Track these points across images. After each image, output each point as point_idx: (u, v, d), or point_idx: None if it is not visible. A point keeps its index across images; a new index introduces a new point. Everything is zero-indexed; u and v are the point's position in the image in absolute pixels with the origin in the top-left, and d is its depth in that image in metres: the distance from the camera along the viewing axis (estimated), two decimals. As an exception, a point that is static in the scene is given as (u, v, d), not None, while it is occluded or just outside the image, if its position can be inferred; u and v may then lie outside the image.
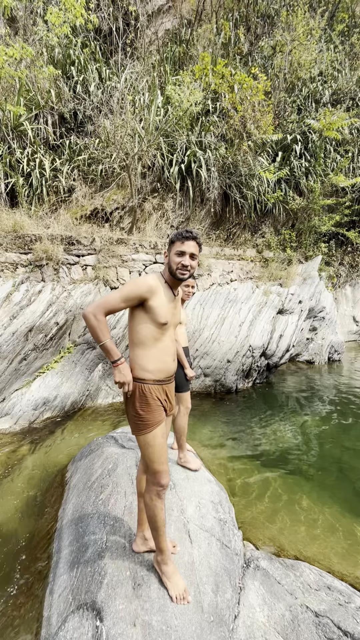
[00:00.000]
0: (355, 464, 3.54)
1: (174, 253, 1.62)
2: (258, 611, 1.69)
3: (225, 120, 7.17)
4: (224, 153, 7.06)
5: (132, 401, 1.58)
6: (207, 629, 1.52)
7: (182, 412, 2.63)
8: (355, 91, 9.37)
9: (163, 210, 6.74)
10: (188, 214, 6.93)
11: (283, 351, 6.28)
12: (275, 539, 2.52)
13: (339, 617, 1.65)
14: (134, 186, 6.17)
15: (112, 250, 5.34)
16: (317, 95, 9.07)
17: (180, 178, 6.70)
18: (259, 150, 7.66)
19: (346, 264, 9.55)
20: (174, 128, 6.71)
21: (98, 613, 1.50)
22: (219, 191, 7.16)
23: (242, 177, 7.18)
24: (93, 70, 6.84)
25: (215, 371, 5.60)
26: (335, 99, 9.30)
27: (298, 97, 8.87)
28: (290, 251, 8.04)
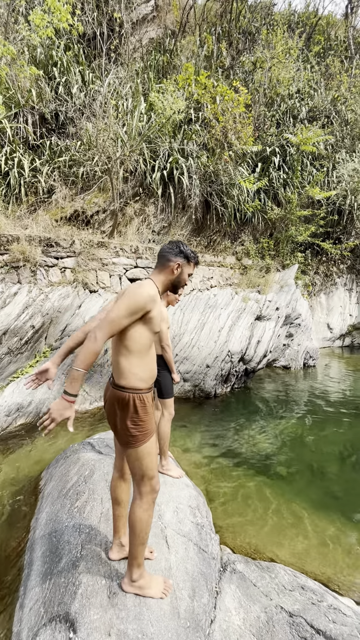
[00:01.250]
0: (328, 466, 3.66)
1: (187, 272, 1.71)
2: (234, 614, 1.70)
3: (207, 129, 7.32)
4: (205, 161, 7.20)
5: (132, 413, 1.50)
6: (183, 635, 1.51)
7: (167, 418, 2.62)
8: (330, 110, 9.87)
9: (145, 215, 6.76)
10: (170, 220, 6.99)
11: (260, 356, 6.41)
12: (251, 542, 2.55)
13: (311, 616, 1.69)
14: (116, 190, 6.16)
15: (92, 253, 5.28)
16: (295, 111, 9.47)
17: (162, 184, 6.76)
18: (239, 161, 7.87)
19: (321, 273, 9.93)
20: (156, 135, 6.78)
21: (72, 625, 1.45)
22: (200, 199, 7.28)
23: (222, 185, 7.34)
24: (76, 72, 6.81)
25: (195, 376, 5.63)
26: (311, 116, 9.74)
27: (277, 112, 9.22)
28: (269, 259, 8.27)
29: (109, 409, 1.56)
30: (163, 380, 2.62)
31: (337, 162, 9.45)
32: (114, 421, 1.54)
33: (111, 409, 1.54)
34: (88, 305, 4.98)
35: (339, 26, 12.84)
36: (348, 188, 9.02)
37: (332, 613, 1.71)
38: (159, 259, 1.70)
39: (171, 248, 1.68)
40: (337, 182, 9.25)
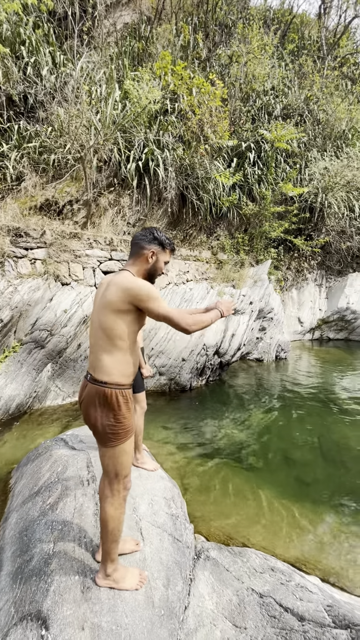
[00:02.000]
0: (297, 454, 3.82)
1: (162, 260, 1.69)
2: (207, 599, 1.75)
3: (184, 121, 7.25)
4: (181, 154, 7.14)
5: (115, 409, 1.46)
6: (157, 623, 1.53)
7: (139, 413, 2.61)
8: (303, 108, 10.09)
9: (119, 206, 6.62)
10: (145, 212, 6.89)
11: (235, 350, 6.54)
12: (225, 529, 2.62)
13: (280, 595, 1.77)
14: (89, 179, 5.97)
15: (64, 244, 5.11)
16: (270, 108, 9.59)
17: (137, 175, 6.63)
18: (215, 155, 7.88)
19: (293, 268, 10.24)
20: (132, 124, 6.62)
21: (44, 622, 1.43)
22: (176, 192, 7.23)
23: (198, 179, 7.33)
24: (46, 53, 6.48)
25: (171, 370, 5.65)
26: (285, 113, 9.92)
27: (252, 108, 9.30)
28: (243, 254, 8.39)
29: (88, 406, 1.50)
30: None
31: (309, 161, 9.71)
32: (94, 419, 1.49)
33: (90, 407, 1.49)
34: (60, 298, 4.83)
35: (313, 26, 13.09)
36: (319, 186, 9.31)
37: (299, 591, 1.81)
38: (133, 247, 1.64)
39: (144, 235, 1.63)
40: (309, 180, 9.52)
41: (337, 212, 9.61)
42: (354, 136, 10.51)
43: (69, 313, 4.85)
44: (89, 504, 2.08)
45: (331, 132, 10.20)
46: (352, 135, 10.50)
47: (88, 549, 1.80)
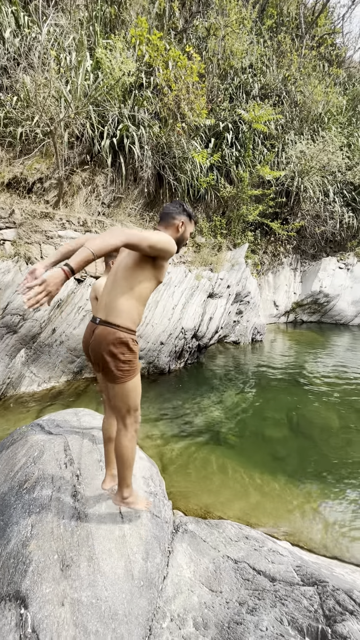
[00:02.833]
0: (272, 431, 3.99)
1: (189, 230, 1.82)
2: (185, 568, 1.82)
3: (159, 97, 6.97)
4: (157, 132, 6.90)
5: (127, 350, 1.62)
6: (137, 594, 1.58)
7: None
8: (281, 89, 9.98)
9: (93, 185, 6.35)
10: (121, 192, 6.67)
11: (212, 333, 6.62)
12: (202, 504, 2.72)
13: (254, 560, 1.88)
14: (60, 156, 5.65)
15: (35, 224, 4.87)
16: (248, 87, 9.40)
17: (112, 153, 6.36)
18: (192, 134, 7.68)
19: (269, 252, 10.38)
20: (105, 97, 6.28)
21: (22, 601, 1.44)
22: (152, 171, 7.02)
23: (175, 159, 7.15)
24: (8, 13, 5.92)
25: (149, 353, 5.65)
26: (263, 93, 9.77)
27: (230, 86, 9.08)
28: (221, 238, 8.39)
29: (99, 346, 1.61)
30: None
31: (286, 144, 9.70)
32: (105, 359, 1.61)
33: (102, 347, 1.60)
34: (33, 281, 4.63)
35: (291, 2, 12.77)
36: (296, 170, 9.36)
37: (271, 555, 1.92)
38: (163, 217, 1.77)
39: (175, 206, 1.77)
40: (286, 163, 9.54)
41: (313, 196, 9.75)
42: (329, 120, 10.57)
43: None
44: (66, 487, 2.08)
45: (308, 115, 10.20)
46: (328, 119, 10.56)
47: (67, 529, 1.80)
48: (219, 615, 1.56)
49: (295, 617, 1.47)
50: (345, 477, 3.16)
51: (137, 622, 1.50)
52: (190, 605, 1.62)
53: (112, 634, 1.41)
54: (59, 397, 4.53)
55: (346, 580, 1.92)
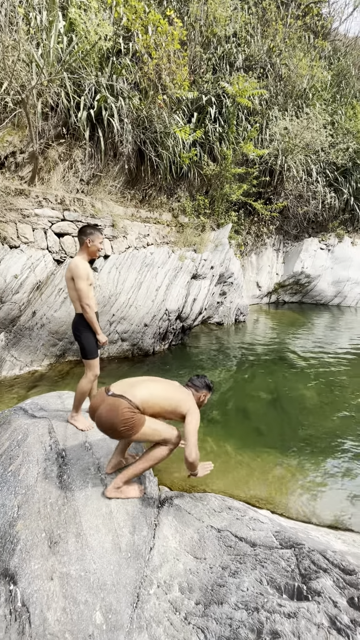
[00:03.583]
0: (254, 408, 4.13)
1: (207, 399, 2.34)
2: (171, 539, 1.90)
3: (139, 66, 6.59)
4: (137, 104, 6.58)
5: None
6: (124, 565, 1.65)
7: (89, 378, 2.59)
8: (265, 61, 9.64)
9: (71, 160, 6.04)
10: (100, 168, 6.39)
11: (196, 314, 6.65)
12: (186, 479, 2.81)
13: (236, 528, 1.98)
14: (34, 127, 5.31)
15: (9, 202, 4.62)
16: (232, 57, 9.03)
17: (89, 126, 6.03)
18: (174, 107, 7.38)
19: (253, 233, 10.36)
20: (80, 64, 5.87)
21: (11, 578, 1.47)
22: (133, 146, 6.74)
23: (157, 134, 6.87)
24: None
25: (133, 335, 5.63)
26: (247, 65, 9.42)
27: (213, 56, 8.68)
28: (204, 218, 8.27)
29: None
30: (86, 340, 2.56)
31: (270, 120, 9.49)
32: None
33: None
34: (8, 262, 4.45)
35: (277, -35, 12.12)
36: (279, 148, 9.23)
37: (252, 523, 2.03)
38: (194, 386, 2.30)
39: (200, 381, 2.33)
40: (269, 140, 9.37)
41: (296, 175, 9.70)
42: (314, 96, 10.38)
43: (20, 278, 4.52)
44: (52, 467, 2.09)
45: (292, 90, 9.97)
46: (312, 95, 10.36)
47: (54, 508, 1.83)
48: (203, 579, 1.65)
49: (274, 577, 1.58)
50: (321, 449, 3.34)
51: (125, 591, 1.57)
52: (176, 572, 1.71)
53: (101, 603, 1.47)
54: (42, 380, 4.48)
55: (321, 541, 2.06)
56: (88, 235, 2.59)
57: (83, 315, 2.55)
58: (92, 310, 2.55)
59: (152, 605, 1.53)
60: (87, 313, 2.52)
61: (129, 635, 1.41)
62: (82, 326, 2.55)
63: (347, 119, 10.75)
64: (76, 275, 2.50)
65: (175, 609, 1.52)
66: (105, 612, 1.45)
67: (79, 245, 2.64)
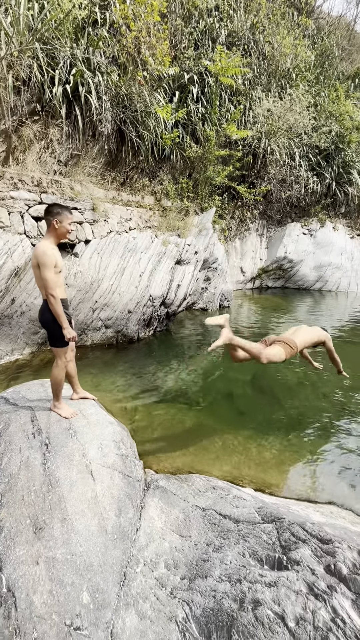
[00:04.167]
0: (238, 390, 4.21)
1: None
2: (157, 520, 1.94)
3: (117, 38, 6.26)
4: (116, 80, 6.28)
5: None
6: (111, 546, 1.67)
7: (60, 367, 2.46)
8: (249, 38, 9.36)
9: (47, 140, 5.76)
10: (78, 148, 6.12)
11: (181, 300, 6.63)
12: (173, 462, 2.86)
13: (220, 506, 2.04)
14: (5, 102, 5.00)
15: (-18, 183, 4.38)
16: (214, 33, 8.70)
17: (66, 103, 5.73)
18: (155, 85, 7.10)
19: (237, 218, 10.31)
20: (53, 34, 5.51)
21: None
22: (112, 126, 6.48)
23: (137, 113, 6.61)
24: None
25: (117, 322, 5.57)
26: (230, 42, 9.12)
27: (195, 30, 8.35)
28: (187, 201, 8.14)
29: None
30: (54, 327, 2.38)
31: (253, 101, 9.31)
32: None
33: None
34: (-16, 247, 4.26)
35: None
36: (262, 130, 9.10)
37: (235, 501, 2.10)
38: None
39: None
40: (253, 122, 9.21)
41: (279, 159, 9.63)
42: (297, 76, 10.23)
43: (-3, 265, 4.34)
44: (35, 455, 2.07)
45: (276, 70, 9.77)
46: (296, 76, 10.20)
47: (38, 495, 1.82)
48: (188, 556, 1.70)
49: (256, 550, 1.64)
50: (301, 428, 3.46)
51: (112, 571, 1.59)
52: (161, 550, 1.75)
53: (88, 583, 1.49)
54: (24, 369, 4.39)
55: (300, 515, 2.15)
56: (55, 215, 2.35)
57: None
58: (59, 302, 2.32)
59: (138, 583, 1.57)
60: (52, 305, 2.30)
61: (116, 612, 1.45)
62: (50, 313, 2.36)
63: (330, 101, 10.68)
64: (42, 263, 2.26)
65: (162, 584, 1.56)
66: (92, 592, 1.47)
67: (46, 227, 2.40)
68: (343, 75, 12.47)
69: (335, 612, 1.28)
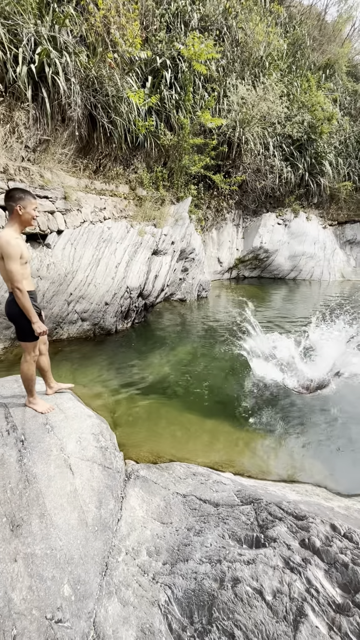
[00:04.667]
0: (216, 381, 4.26)
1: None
2: (138, 509, 1.95)
3: (85, 17, 5.96)
4: (85, 62, 6.00)
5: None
6: (92, 538, 1.66)
7: (29, 362, 2.38)
8: (222, 23, 9.21)
9: (12, 124, 5.44)
10: (47, 134, 5.84)
11: (158, 291, 6.58)
12: (153, 451, 2.87)
13: (200, 492, 2.08)
14: (-35, 82, 4.66)
15: None
16: (186, 16, 8.48)
17: (32, 84, 5.42)
18: (126, 68, 6.86)
19: (213, 208, 10.29)
20: (15, 9, 5.16)
21: (-29, 566, 1.42)
22: (83, 111, 6.21)
23: (109, 97, 6.38)
24: None
25: (94, 315, 5.46)
26: (203, 26, 8.94)
27: (167, 12, 8.10)
28: (163, 191, 8.02)
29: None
30: (22, 321, 2.27)
31: (227, 88, 9.22)
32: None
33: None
34: None
35: None
36: (237, 119, 9.06)
37: (215, 486, 2.14)
38: None
39: None
40: (227, 110, 9.15)
41: (253, 148, 9.66)
42: (270, 65, 10.22)
43: None
44: (10, 452, 2.01)
45: (249, 57, 9.71)
46: (269, 64, 10.19)
47: (15, 493, 1.78)
48: (170, 542, 1.73)
49: (235, 531, 1.69)
50: (277, 414, 3.57)
51: (94, 562, 1.59)
52: (143, 538, 1.77)
53: (69, 576, 1.48)
54: (-4, 365, 4.22)
55: (277, 495, 2.24)
56: (17, 200, 2.19)
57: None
58: (26, 295, 2.19)
59: (120, 572, 1.58)
60: (19, 298, 2.17)
61: (98, 601, 1.45)
62: (18, 307, 2.23)
63: (302, 91, 10.78)
64: (6, 254, 2.11)
65: (144, 571, 1.58)
66: (73, 584, 1.47)
67: (8, 214, 2.23)
68: (314, 66, 12.59)
69: (310, 582, 1.35)
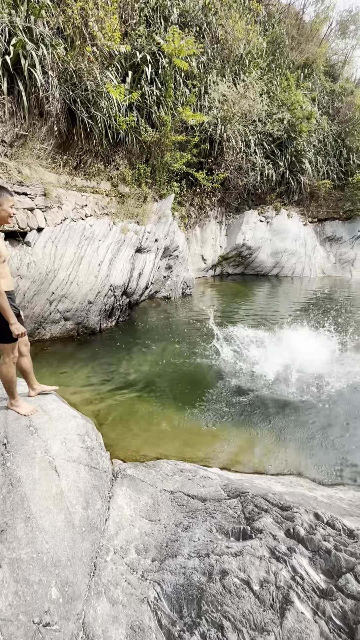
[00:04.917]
0: (198, 378, 4.29)
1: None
2: (125, 508, 1.95)
3: (62, 8, 5.81)
4: (63, 55, 5.86)
5: None
6: (79, 539, 1.65)
7: (8, 363, 2.31)
8: (202, 19, 9.18)
9: (-13, 117, 5.25)
10: (25, 128, 5.67)
11: (143, 289, 6.55)
12: (139, 450, 2.87)
13: (188, 488, 2.10)
14: None
15: None
16: (166, 11, 8.41)
17: (7, 77, 5.24)
18: (106, 63, 6.74)
19: (196, 205, 10.31)
20: (-13, -3, 4.97)
21: None
22: (61, 105, 6.07)
23: (88, 92, 6.25)
24: None
25: (77, 314, 5.37)
26: (182, 22, 8.89)
27: (146, 6, 8.00)
28: (145, 187, 7.96)
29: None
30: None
31: (208, 85, 9.23)
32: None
33: None
34: None
35: None
36: (218, 116, 9.09)
37: (202, 481, 2.16)
38: None
39: None
40: (209, 107, 9.16)
41: (235, 146, 9.72)
42: (250, 62, 10.29)
43: None
44: (-7, 457, 1.96)
45: (230, 55, 9.74)
46: (249, 62, 10.25)
47: (-2, 498, 1.74)
48: (158, 538, 1.73)
49: (222, 525, 1.72)
50: (264, 413, 3.64)
51: (82, 563, 1.58)
52: (131, 536, 1.76)
53: (57, 579, 1.47)
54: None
55: (263, 487, 2.29)
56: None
57: None
58: (3, 295, 2.11)
59: (109, 571, 1.57)
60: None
61: (87, 602, 1.44)
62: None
63: (282, 90, 10.92)
64: None
65: (133, 569, 1.58)
66: (61, 586, 1.45)
67: None
68: (293, 65, 12.78)
69: (295, 570, 1.39)
